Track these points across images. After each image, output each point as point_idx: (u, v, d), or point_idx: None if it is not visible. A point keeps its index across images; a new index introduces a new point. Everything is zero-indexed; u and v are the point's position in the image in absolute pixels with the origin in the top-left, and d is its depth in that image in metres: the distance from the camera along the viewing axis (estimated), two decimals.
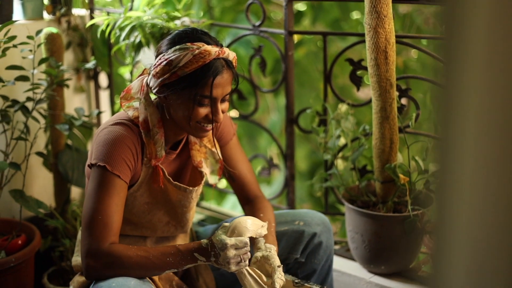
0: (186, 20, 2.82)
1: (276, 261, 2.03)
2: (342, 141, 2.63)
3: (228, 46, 3.04)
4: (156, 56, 2.01)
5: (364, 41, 2.40)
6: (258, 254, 2.05)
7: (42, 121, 2.98)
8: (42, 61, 2.72)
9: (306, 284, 2.19)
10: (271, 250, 2.06)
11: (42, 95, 2.77)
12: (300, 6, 4.88)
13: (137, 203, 2.13)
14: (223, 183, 3.75)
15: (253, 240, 2.10)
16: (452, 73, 0.61)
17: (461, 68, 0.59)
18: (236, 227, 1.99)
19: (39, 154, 2.84)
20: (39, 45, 2.75)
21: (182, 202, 2.17)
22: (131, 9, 3.03)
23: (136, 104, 2.08)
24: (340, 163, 2.67)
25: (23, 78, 2.71)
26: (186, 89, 1.95)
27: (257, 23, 2.77)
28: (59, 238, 2.97)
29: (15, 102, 2.76)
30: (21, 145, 2.90)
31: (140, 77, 2.09)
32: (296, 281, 2.20)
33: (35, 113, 2.88)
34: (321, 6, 4.41)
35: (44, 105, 2.98)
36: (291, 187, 2.82)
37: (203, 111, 1.98)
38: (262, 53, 2.82)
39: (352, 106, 2.62)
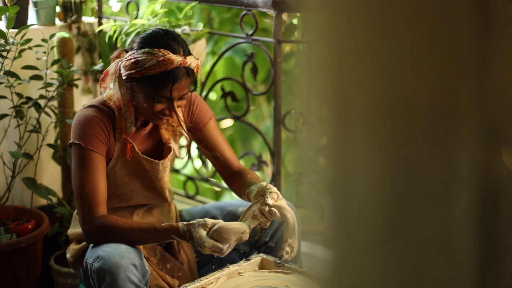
0: (187, 29, 3.11)
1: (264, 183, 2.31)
2: (324, 139, 2.91)
3: (223, 54, 3.34)
4: (130, 49, 2.32)
5: None
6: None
7: (53, 117, 3.26)
8: (54, 62, 3.02)
9: (286, 265, 2.47)
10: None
11: (54, 93, 3.06)
12: (294, 20, 5.18)
13: (118, 177, 2.43)
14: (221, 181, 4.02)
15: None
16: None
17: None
18: (219, 234, 2.20)
19: (50, 145, 3.13)
20: (52, 48, 3.04)
21: (152, 172, 2.46)
22: (136, 17, 3.33)
23: (111, 85, 2.39)
24: (322, 161, 2.95)
25: (37, 77, 3.00)
26: (147, 87, 2.26)
27: (250, 32, 3.06)
28: (66, 224, 3.25)
29: (29, 99, 3.06)
30: (33, 138, 3.18)
31: (116, 60, 2.38)
32: (278, 262, 2.48)
33: (46, 110, 3.16)
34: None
35: (55, 103, 3.27)
36: (277, 182, 3.09)
37: (160, 106, 2.29)
38: (254, 59, 3.10)
39: None
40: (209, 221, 2.22)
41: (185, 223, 2.24)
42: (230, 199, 4.54)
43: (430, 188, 0.55)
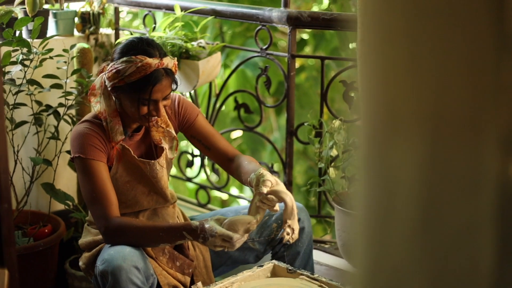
0: (202, 42, 3.22)
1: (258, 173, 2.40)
2: (334, 151, 3.00)
3: (237, 67, 3.45)
4: (111, 61, 2.45)
5: (350, 67, 2.80)
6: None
7: (71, 125, 3.36)
8: (75, 71, 3.12)
9: (298, 271, 2.56)
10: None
11: (73, 101, 3.16)
12: (304, 35, 5.29)
13: (120, 184, 2.54)
14: (232, 191, 4.11)
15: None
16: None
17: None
18: (228, 226, 2.34)
19: (69, 152, 3.22)
20: (72, 58, 3.15)
21: (151, 173, 2.57)
22: (153, 30, 3.44)
23: (99, 98, 2.52)
24: (332, 171, 3.05)
25: (57, 86, 3.10)
26: (131, 93, 2.41)
27: (264, 47, 3.17)
28: (80, 230, 3.34)
29: (48, 106, 3.16)
30: (51, 145, 3.28)
31: (100, 74, 2.52)
32: (290, 268, 2.57)
33: (65, 117, 3.25)
34: (322, 36, 4.82)
35: (73, 111, 3.36)
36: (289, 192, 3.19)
37: (146, 108, 2.43)
38: (267, 72, 3.21)
39: (344, 122, 3.00)
40: (221, 217, 2.37)
41: (198, 220, 2.37)
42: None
43: (459, 187, 0.64)
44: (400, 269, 0.69)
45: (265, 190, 2.35)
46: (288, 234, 2.37)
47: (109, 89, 2.46)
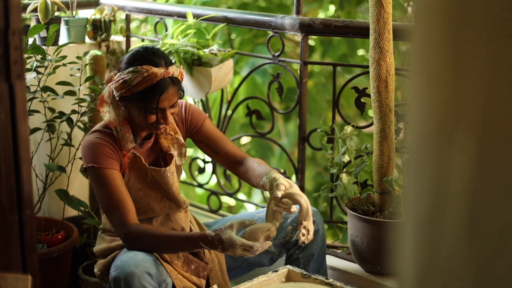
0: (214, 49, 3.24)
1: (271, 176, 2.43)
2: (346, 157, 3.03)
3: (250, 73, 3.47)
4: (118, 71, 2.49)
5: (366, 73, 2.82)
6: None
7: (83, 133, 3.38)
8: (88, 78, 3.14)
9: (312, 276, 2.58)
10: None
11: (86, 108, 3.18)
12: (311, 42, 5.32)
13: (132, 191, 2.57)
14: (239, 196, 4.13)
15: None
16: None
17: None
18: (248, 235, 2.36)
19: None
20: (86, 65, 3.17)
21: (162, 180, 2.60)
22: (165, 37, 3.47)
23: (109, 108, 2.55)
24: (344, 177, 3.06)
25: (71, 93, 3.13)
26: (139, 102, 2.45)
27: (277, 54, 3.19)
28: (92, 236, 3.35)
29: (62, 113, 3.18)
30: (64, 151, 3.30)
31: (108, 84, 2.55)
32: (304, 273, 2.59)
33: (78, 124, 3.27)
34: (330, 42, 4.85)
35: (85, 118, 3.38)
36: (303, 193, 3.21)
37: (154, 117, 2.47)
38: (280, 79, 3.23)
39: (356, 128, 3.02)
40: (234, 222, 2.39)
41: (212, 231, 2.38)
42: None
43: (504, 190, 0.66)
44: (449, 271, 0.71)
45: (279, 194, 2.37)
46: (303, 235, 2.40)
47: (117, 99, 2.49)
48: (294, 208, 2.43)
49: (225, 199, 4.41)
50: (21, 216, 1.83)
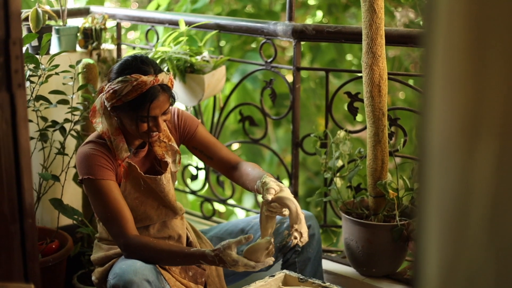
0: (206, 55, 3.26)
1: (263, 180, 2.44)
2: (340, 162, 3.05)
3: (242, 80, 3.49)
4: (108, 81, 2.50)
5: (357, 78, 2.85)
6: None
7: (75, 142, 3.38)
8: (81, 87, 3.15)
9: (309, 280, 2.60)
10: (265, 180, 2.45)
11: (80, 117, 3.19)
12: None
13: (129, 200, 2.58)
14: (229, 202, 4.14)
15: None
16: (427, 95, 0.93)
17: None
18: (249, 255, 2.38)
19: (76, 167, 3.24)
20: (79, 74, 3.18)
21: (158, 188, 2.61)
22: (156, 45, 3.48)
23: (101, 118, 2.57)
24: (338, 181, 3.09)
25: (64, 102, 3.13)
26: (130, 111, 2.46)
27: (269, 60, 3.21)
28: (85, 245, 3.35)
29: (55, 122, 3.18)
30: (57, 160, 3.30)
31: (100, 95, 2.56)
32: (301, 277, 2.60)
33: (71, 133, 3.27)
34: (319, 48, 4.88)
35: (78, 127, 3.39)
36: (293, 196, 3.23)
37: (146, 125, 2.48)
38: (272, 85, 3.25)
39: (348, 133, 3.05)
40: (232, 242, 2.39)
41: (210, 249, 2.40)
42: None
43: None
44: (473, 267, 0.73)
45: (269, 197, 2.38)
46: (296, 238, 2.39)
47: (108, 109, 2.50)
48: (287, 211, 2.44)
49: (215, 206, 4.41)
50: (23, 225, 1.83)
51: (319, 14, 5.47)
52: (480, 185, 0.71)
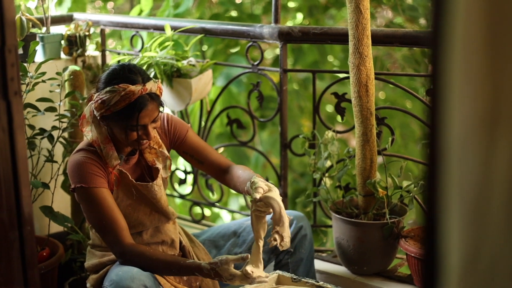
0: (192, 60, 3.27)
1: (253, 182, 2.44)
2: (329, 162, 3.08)
3: (229, 83, 3.51)
4: (96, 90, 2.51)
5: (342, 79, 2.89)
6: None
7: (63, 149, 3.38)
8: (69, 94, 3.15)
9: (303, 280, 2.62)
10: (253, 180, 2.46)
11: (68, 124, 3.18)
12: (277, 51, 5.38)
13: (122, 208, 2.58)
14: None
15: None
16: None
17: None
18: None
19: (65, 174, 3.25)
20: (66, 81, 3.18)
21: (150, 194, 2.61)
22: (141, 49, 3.49)
23: (91, 127, 2.57)
24: (327, 181, 3.12)
25: (52, 109, 3.13)
26: (119, 121, 2.46)
27: (256, 63, 3.24)
28: (75, 252, 3.35)
29: (42, 130, 3.17)
30: (46, 168, 3.29)
31: (89, 103, 2.55)
32: (294, 277, 2.63)
33: (59, 140, 3.27)
34: (301, 50, 4.91)
35: (65, 134, 3.38)
36: (284, 204, 3.25)
37: (135, 134, 2.48)
38: (259, 88, 3.27)
39: (336, 133, 3.08)
40: (229, 257, 2.40)
41: (207, 262, 2.42)
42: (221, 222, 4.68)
43: None
44: (496, 253, 0.76)
45: (257, 196, 2.39)
46: (275, 240, 2.37)
47: (98, 118, 2.50)
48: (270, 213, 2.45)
49: (199, 210, 4.42)
50: (22, 232, 1.83)
51: (299, 16, 5.50)
52: (499, 173, 0.74)
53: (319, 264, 3.10)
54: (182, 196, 3.81)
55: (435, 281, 0.79)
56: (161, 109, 2.53)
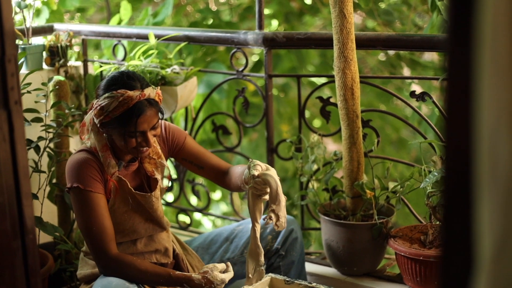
0: (176, 68, 3.30)
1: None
2: (316, 166, 3.12)
3: (213, 90, 3.54)
4: (96, 97, 2.52)
5: (328, 82, 2.94)
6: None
7: (48, 159, 3.37)
8: (55, 104, 3.16)
9: (296, 282, 2.65)
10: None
11: (54, 134, 3.19)
12: (256, 57, 5.42)
13: (117, 215, 2.59)
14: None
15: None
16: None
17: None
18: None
19: (55, 184, 3.25)
20: (51, 91, 3.18)
21: (148, 204, 2.63)
22: (123, 59, 3.51)
23: (91, 134, 2.58)
24: (314, 184, 3.16)
25: (38, 120, 3.13)
26: (118, 127, 2.47)
27: (241, 69, 3.28)
28: (70, 260, 3.35)
29: (29, 141, 3.17)
30: (33, 178, 3.29)
31: (90, 112, 2.57)
32: (287, 279, 2.66)
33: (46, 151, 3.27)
34: (278, 56, 4.96)
35: (51, 144, 3.38)
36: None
37: (134, 141, 2.49)
38: (244, 94, 3.31)
39: (322, 136, 3.13)
40: (218, 265, 2.47)
41: (197, 273, 2.46)
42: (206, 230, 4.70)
43: None
44: None
45: (255, 172, 2.42)
46: (270, 219, 2.38)
47: (98, 125, 2.50)
48: (267, 196, 2.44)
49: (182, 217, 4.44)
50: (24, 241, 1.84)
51: (274, 23, 5.55)
52: None
53: (308, 267, 3.13)
54: (168, 204, 3.82)
55: (470, 264, 0.83)
56: (160, 116, 2.54)
